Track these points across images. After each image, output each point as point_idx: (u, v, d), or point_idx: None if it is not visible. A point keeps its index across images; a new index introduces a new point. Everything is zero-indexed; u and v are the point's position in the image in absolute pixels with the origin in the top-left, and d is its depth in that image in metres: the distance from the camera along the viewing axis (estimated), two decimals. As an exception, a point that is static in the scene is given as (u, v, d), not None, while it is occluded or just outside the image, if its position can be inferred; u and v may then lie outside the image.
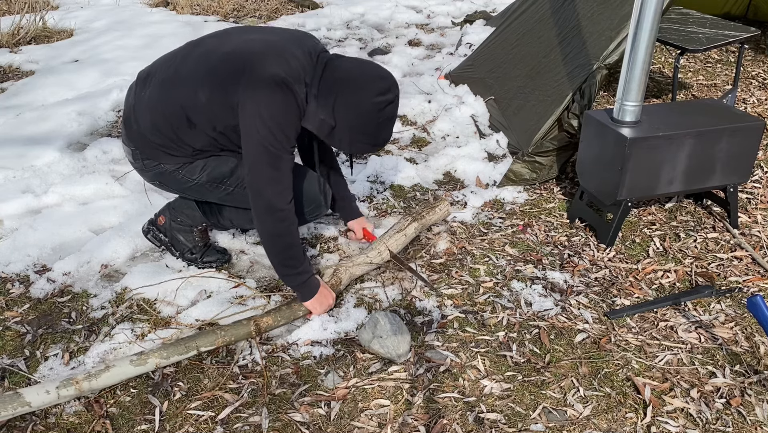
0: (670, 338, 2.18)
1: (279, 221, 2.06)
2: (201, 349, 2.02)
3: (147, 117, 2.15)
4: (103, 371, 1.90)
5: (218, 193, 2.27)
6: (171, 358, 1.99)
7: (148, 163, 2.23)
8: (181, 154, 2.17)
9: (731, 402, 1.92)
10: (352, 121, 2.01)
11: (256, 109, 1.95)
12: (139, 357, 1.95)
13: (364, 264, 2.40)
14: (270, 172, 2.00)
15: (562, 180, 3.11)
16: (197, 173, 2.21)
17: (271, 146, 1.97)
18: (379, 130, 2.05)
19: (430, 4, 6.03)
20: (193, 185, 2.24)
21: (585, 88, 2.95)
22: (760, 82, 4.22)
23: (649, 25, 2.32)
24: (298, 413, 1.88)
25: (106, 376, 1.90)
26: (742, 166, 2.64)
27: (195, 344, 2.02)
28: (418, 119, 3.67)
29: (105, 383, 1.91)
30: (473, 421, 1.86)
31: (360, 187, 2.95)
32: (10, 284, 2.40)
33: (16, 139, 3.37)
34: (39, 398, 1.82)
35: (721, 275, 2.48)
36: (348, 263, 2.36)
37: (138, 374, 1.97)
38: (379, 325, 2.09)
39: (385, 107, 2.00)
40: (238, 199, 2.27)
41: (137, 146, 2.21)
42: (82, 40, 5.02)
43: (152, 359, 1.96)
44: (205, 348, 2.03)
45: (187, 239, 2.44)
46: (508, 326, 2.22)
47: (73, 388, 1.85)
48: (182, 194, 2.37)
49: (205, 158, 2.20)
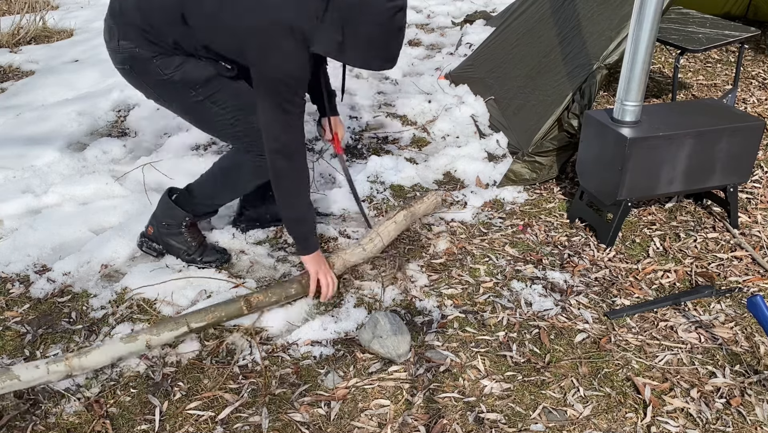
0: (670, 338, 2.18)
1: (289, 161, 2.07)
2: (192, 326, 2.02)
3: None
4: (93, 349, 1.90)
5: (186, 99, 2.18)
6: (162, 335, 1.98)
7: (123, 44, 2.10)
8: (161, 45, 2.08)
9: (731, 402, 1.92)
10: (364, 32, 1.94)
11: (266, 57, 1.92)
12: (129, 335, 1.96)
13: (358, 252, 2.41)
14: (282, 116, 1.99)
15: (562, 180, 3.11)
16: (171, 69, 2.11)
17: (284, 92, 1.96)
18: (389, 40, 1.97)
19: (430, 4, 6.03)
20: (164, 80, 2.13)
21: (585, 88, 2.95)
22: (760, 82, 4.22)
23: (649, 25, 2.32)
24: (298, 413, 1.88)
25: (96, 353, 1.90)
26: (742, 166, 2.64)
27: (185, 320, 2.01)
28: (418, 119, 3.67)
29: (95, 360, 1.90)
30: (473, 421, 1.86)
31: (360, 188, 2.95)
32: (10, 284, 2.40)
33: (16, 139, 3.37)
34: (28, 372, 1.82)
35: (721, 275, 2.48)
36: (340, 251, 2.39)
37: (128, 352, 1.96)
38: (379, 325, 2.09)
39: (395, 14, 1.92)
40: (200, 114, 2.22)
41: (116, 22, 2.10)
42: (82, 40, 5.02)
43: (142, 336, 1.95)
44: (196, 324, 2.03)
45: (179, 241, 2.44)
46: (508, 326, 2.22)
47: (63, 364, 1.86)
48: (147, 89, 2.22)
49: (184, 56, 2.11)
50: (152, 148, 3.33)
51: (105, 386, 1.97)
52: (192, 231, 2.47)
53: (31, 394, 1.94)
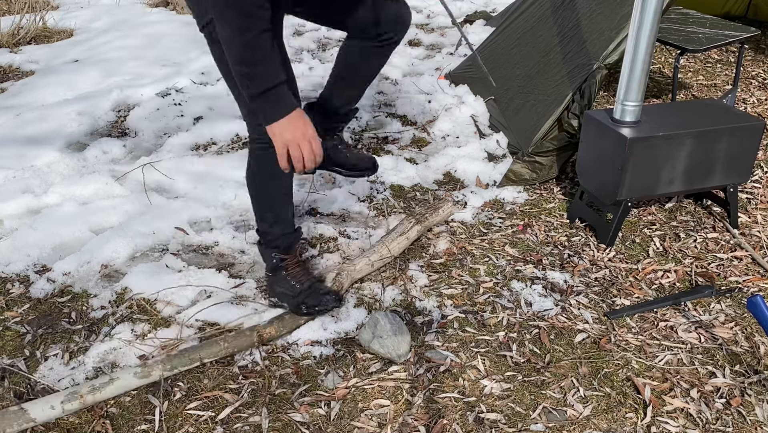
0: (670, 338, 2.18)
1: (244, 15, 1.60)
2: (204, 360, 2.05)
3: None
4: (107, 384, 1.91)
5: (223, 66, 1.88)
6: (175, 370, 2.01)
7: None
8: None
9: (731, 402, 1.92)
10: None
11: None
12: (143, 369, 1.96)
13: (366, 267, 2.40)
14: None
15: (562, 180, 3.11)
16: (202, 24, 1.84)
17: None
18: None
19: (430, 4, 6.03)
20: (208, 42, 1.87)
21: (585, 88, 2.95)
22: (760, 82, 4.22)
23: (649, 25, 2.32)
24: (298, 413, 1.88)
25: (109, 389, 1.91)
26: (742, 166, 2.64)
27: (198, 355, 2.04)
28: (418, 119, 3.67)
29: (109, 395, 1.92)
30: (473, 421, 1.86)
31: (360, 187, 2.95)
32: (10, 284, 2.40)
33: (16, 139, 3.37)
34: (44, 414, 1.84)
35: (721, 275, 2.48)
36: (350, 267, 2.35)
37: (141, 385, 1.97)
38: (379, 325, 2.09)
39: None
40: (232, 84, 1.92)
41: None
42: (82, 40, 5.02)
43: (156, 371, 1.97)
44: (209, 359, 2.05)
45: (284, 287, 2.23)
46: (508, 326, 2.22)
47: (77, 402, 1.87)
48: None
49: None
50: (152, 148, 3.33)
51: (105, 386, 1.97)
52: (293, 272, 2.23)
53: (31, 394, 1.94)
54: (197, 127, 3.49)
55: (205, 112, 3.66)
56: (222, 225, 2.72)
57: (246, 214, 2.80)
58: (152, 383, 1.98)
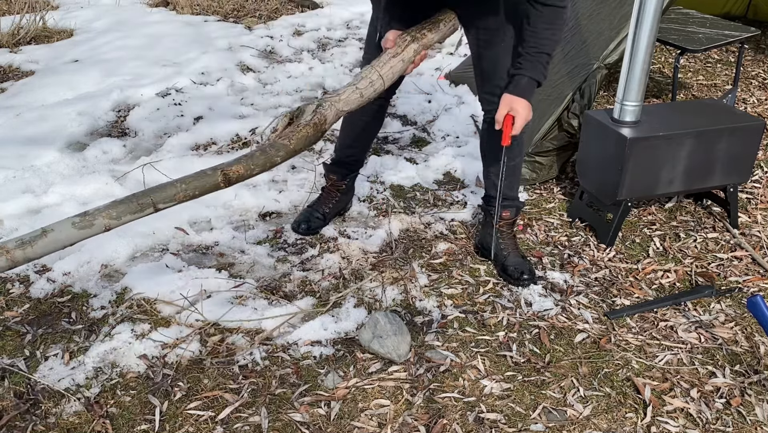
0: (670, 338, 2.18)
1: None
2: (159, 206, 1.68)
3: None
4: (39, 237, 1.59)
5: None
6: (122, 218, 1.66)
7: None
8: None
9: (731, 402, 1.92)
10: None
11: None
12: (83, 218, 1.63)
13: (353, 96, 1.99)
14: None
15: (562, 180, 3.11)
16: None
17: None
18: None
19: (430, 4, 6.02)
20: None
21: (585, 88, 2.95)
22: (760, 82, 4.22)
23: (649, 25, 2.32)
24: (298, 413, 1.89)
25: (43, 242, 1.59)
26: (742, 166, 2.64)
27: (150, 200, 1.67)
28: (418, 119, 3.68)
29: (44, 250, 1.61)
30: (473, 421, 1.86)
31: (360, 187, 2.95)
32: (10, 284, 2.40)
33: (16, 139, 3.36)
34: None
35: (721, 275, 2.48)
36: (333, 97, 1.95)
37: (84, 238, 1.65)
38: (379, 325, 2.09)
39: None
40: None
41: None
42: (83, 40, 5.01)
43: (99, 220, 1.63)
44: (164, 205, 1.70)
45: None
46: (508, 326, 2.22)
47: (3, 258, 1.56)
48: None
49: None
50: (152, 148, 3.33)
51: (105, 386, 1.97)
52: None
53: (31, 394, 1.94)
54: (197, 127, 3.49)
55: (205, 112, 3.66)
56: (222, 225, 2.72)
57: (246, 214, 2.81)
58: (153, 383, 1.98)
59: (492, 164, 2.42)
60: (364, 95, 2.01)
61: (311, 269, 2.48)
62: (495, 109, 2.21)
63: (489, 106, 2.31)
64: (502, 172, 2.31)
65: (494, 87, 2.24)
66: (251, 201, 2.87)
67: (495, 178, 2.41)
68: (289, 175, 3.09)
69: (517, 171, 2.45)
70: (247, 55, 4.56)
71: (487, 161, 2.45)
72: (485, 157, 2.46)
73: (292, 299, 2.32)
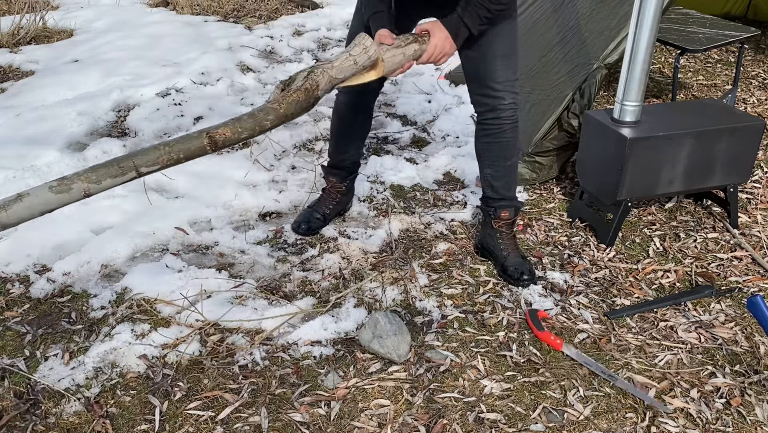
0: (670, 338, 2.18)
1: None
2: (141, 170, 1.63)
3: None
4: (14, 202, 1.54)
5: None
6: (103, 182, 1.61)
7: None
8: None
9: (731, 402, 1.92)
10: None
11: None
12: (60, 182, 1.57)
13: (347, 63, 1.95)
14: None
15: (562, 180, 3.11)
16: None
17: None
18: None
19: (430, 4, 6.02)
20: None
21: (585, 88, 2.95)
22: (760, 82, 4.22)
23: (649, 25, 2.32)
24: (298, 413, 1.89)
25: (19, 207, 1.54)
26: (742, 166, 2.64)
27: (132, 163, 1.61)
28: (418, 119, 3.68)
29: (20, 215, 1.56)
30: (473, 421, 1.86)
31: (360, 187, 2.95)
32: (10, 284, 2.40)
33: (16, 139, 3.36)
34: None
35: (721, 275, 2.48)
36: (326, 64, 1.91)
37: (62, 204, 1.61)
38: (379, 325, 2.09)
39: None
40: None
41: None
42: (83, 40, 5.01)
43: (78, 184, 1.59)
44: (147, 169, 1.64)
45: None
46: (508, 326, 2.22)
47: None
48: None
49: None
50: (152, 148, 3.33)
51: (105, 386, 1.97)
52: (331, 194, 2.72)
53: (31, 394, 1.94)
54: (197, 127, 3.47)
55: (205, 112, 3.66)
56: (222, 225, 2.72)
57: (246, 214, 2.81)
58: (153, 383, 1.98)
59: (487, 165, 2.44)
60: (359, 62, 1.96)
61: (311, 269, 2.49)
62: (487, 110, 2.29)
63: (481, 108, 2.35)
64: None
65: (485, 88, 2.30)
66: (251, 201, 2.87)
67: (491, 178, 2.44)
68: (289, 175, 3.09)
69: (513, 171, 2.45)
70: (247, 55, 4.56)
71: (482, 162, 2.46)
72: (480, 157, 2.46)
73: (292, 299, 2.32)
